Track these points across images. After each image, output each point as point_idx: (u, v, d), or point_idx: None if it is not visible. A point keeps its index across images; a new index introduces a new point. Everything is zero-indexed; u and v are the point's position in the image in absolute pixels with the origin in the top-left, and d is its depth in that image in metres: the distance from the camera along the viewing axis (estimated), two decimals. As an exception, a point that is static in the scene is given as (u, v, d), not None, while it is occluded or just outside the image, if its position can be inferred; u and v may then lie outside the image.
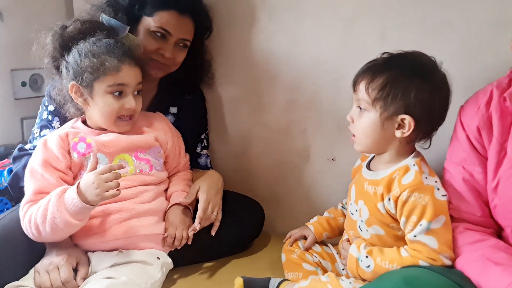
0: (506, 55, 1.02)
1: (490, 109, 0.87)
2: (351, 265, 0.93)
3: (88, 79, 1.01)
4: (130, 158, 1.07)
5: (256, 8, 1.29)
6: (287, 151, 1.36)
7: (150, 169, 1.09)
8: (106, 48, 1.01)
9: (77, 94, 1.04)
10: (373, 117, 0.91)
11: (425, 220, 0.86)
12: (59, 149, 1.02)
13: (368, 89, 0.90)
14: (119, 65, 1.01)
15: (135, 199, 1.04)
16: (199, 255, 1.18)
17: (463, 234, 0.87)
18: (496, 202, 0.86)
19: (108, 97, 1.03)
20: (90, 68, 1.00)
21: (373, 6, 1.16)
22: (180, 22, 1.17)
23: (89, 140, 1.04)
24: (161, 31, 1.16)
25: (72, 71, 1.02)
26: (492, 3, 1.04)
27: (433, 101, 0.88)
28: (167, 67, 1.22)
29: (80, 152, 1.03)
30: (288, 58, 1.29)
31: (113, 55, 1.01)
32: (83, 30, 1.03)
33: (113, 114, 1.04)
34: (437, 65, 0.91)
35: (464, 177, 0.89)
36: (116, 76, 1.01)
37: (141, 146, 1.09)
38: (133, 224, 1.02)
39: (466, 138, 0.90)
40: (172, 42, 1.18)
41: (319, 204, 1.34)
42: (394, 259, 0.88)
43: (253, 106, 1.37)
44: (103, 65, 1.00)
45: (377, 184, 0.93)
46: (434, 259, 0.85)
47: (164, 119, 1.21)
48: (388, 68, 0.90)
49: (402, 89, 0.88)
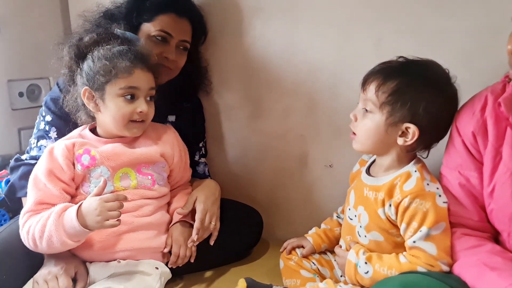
0: (500, 60, 1.02)
1: (485, 115, 0.87)
2: (349, 271, 0.93)
3: (100, 81, 1.00)
4: (133, 172, 1.06)
5: (252, 16, 1.29)
6: (285, 158, 1.36)
7: (153, 184, 1.08)
8: (119, 52, 1.01)
9: (89, 99, 1.03)
10: (378, 120, 0.90)
11: (425, 226, 0.86)
12: (65, 160, 1.01)
13: (378, 91, 0.89)
14: (132, 69, 1.00)
15: (134, 212, 1.03)
16: (198, 263, 1.17)
17: (460, 240, 0.87)
18: (493, 207, 0.85)
19: (119, 100, 1.01)
20: (103, 71, 0.99)
21: (368, 13, 1.16)
22: (179, 24, 1.19)
23: (93, 153, 1.03)
24: (162, 34, 1.17)
25: (85, 76, 1.02)
26: (486, 9, 1.05)
27: (441, 115, 0.88)
28: (171, 72, 1.22)
29: (84, 165, 1.02)
30: (284, 65, 1.29)
31: (125, 59, 1.00)
32: (99, 40, 1.04)
33: (125, 118, 1.02)
34: (451, 79, 0.90)
35: (461, 182, 0.89)
36: (128, 79, 1.00)
37: (145, 161, 1.07)
38: (131, 237, 1.02)
39: (461, 143, 0.90)
40: (174, 45, 1.19)
41: (318, 210, 1.34)
42: (393, 265, 0.88)
43: (251, 113, 1.37)
44: (115, 67, 0.99)
45: (378, 190, 0.93)
46: (432, 265, 0.85)
47: (174, 132, 1.19)
48: (401, 74, 0.89)
49: (413, 98, 0.87)
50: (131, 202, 1.03)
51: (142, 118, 1.04)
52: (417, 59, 0.92)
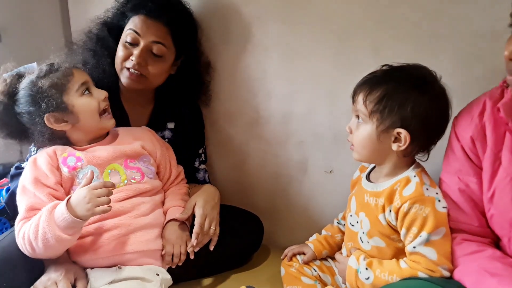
0: (497, 65, 1.03)
1: (483, 120, 0.87)
2: (350, 277, 0.93)
3: (57, 98, 1.02)
4: (121, 167, 1.07)
5: (251, 24, 1.30)
6: (284, 164, 1.37)
7: (142, 177, 1.09)
8: (43, 71, 1.04)
9: (57, 121, 1.04)
10: (370, 129, 0.91)
11: (425, 231, 0.86)
12: (48, 166, 1.02)
13: (366, 101, 0.90)
14: (69, 70, 1.05)
15: (132, 212, 1.04)
16: (199, 270, 1.17)
17: (460, 245, 0.87)
18: (492, 212, 0.86)
19: (83, 99, 1.05)
20: (52, 88, 1.02)
21: (366, 20, 1.17)
22: (149, 25, 1.16)
23: (78, 154, 1.05)
24: (131, 34, 1.15)
25: (35, 109, 1.02)
26: (483, 15, 1.06)
27: (430, 115, 0.88)
28: (144, 79, 1.18)
29: (71, 166, 1.03)
30: (283, 72, 1.30)
31: (56, 69, 1.05)
32: (10, 84, 1.05)
33: (95, 111, 1.06)
34: (436, 78, 0.91)
35: (460, 187, 0.89)
36: (75, 78, 1.05)
37: (129, 154, 1.09)
38: (131, 240, 1.02)
39: (460, 149, 0.90)
40: (142, 48, 1.15)
41: (318, 216, 1.34)
42: (394, 270, 0.88)
43: (250, 120, 1.38)
44: (58, 78, 1.03)
45: (378, 196, 0.93)
46: (433, 270, 0.85)
47: (149, 130, 1.21)
48: (386, 81, 0.90)
49: (399, 102, 0.88)
50: (127, 201, 1.04)
51: (105, 105, 1.09)
52: (401, 64, 0.93)
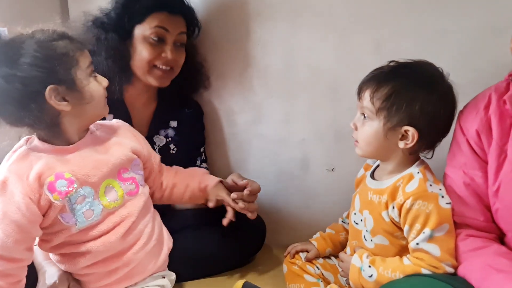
0: (501, 60, 1.02)
1: (489, 113, 0.86)
2: (353, 275, 0.92)
3: (67, 69, 0.84)
4: (115, 181, 0.93)
5: (252, 20, 1.30)
6: (286, 162, 1.36)
7: (137, 188, 0.96)
8: (54, 35, 0.85)
9: (58, 98, 0.83)
10: (376, 126, 0.90)
11: (428, 228, 0.85)
12: (24, 199, 0.81)
13: (373, 98, 0.89)
14: (82, 45, 0.88)
15: (137, 245, 0.94)
16: (201, 270, 1.17)
17: (465, 241, 0.87)
18: (498, 206, 0.85)
19: (91, 80, 0.89)
20: (64, 57, 0.84)
21: (368, 16, 1.17)
22: (174, 20, 1.17)
23: (67, 175, 0.85)
24: (159, 31, 1.15)
25: (38, 75, 0.81)
26: (485, 9, 1.06)
27: (438, 113, 0.87)
28: (172, 72, 1.21)
29: (63, 192, 0.84)
30: (285, 69, 1.29)
31: (68, 38, 0.87)
32: None
33: (103, 96, 0.92)
34: (444, 76, 0.90)
35: (465, 181, 0.88)
36: (85, 54, 0.88)
37: (121, 164, 0.94)
38: (140, 269, 0.96)
39: (466, 142, 0.90)
40: (171, 42, 1.17)
41: (320, 214, 1.33)
42: (397, 267, 0.87)
43: (252, 118, 1.37)
44: (71, 49, 0.85)
45: (382, 193, 0.92)
46: (436, 267, 0.84)
47: (125, 124, 1.04)
48: (393, 78, 0.89)
49: (407, 100, 0.87)
50: (130, 234, 0.92)
51: (105, 85, 0.93)
52: (408, 61, 0.92)
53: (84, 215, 0.87)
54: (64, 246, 0.90)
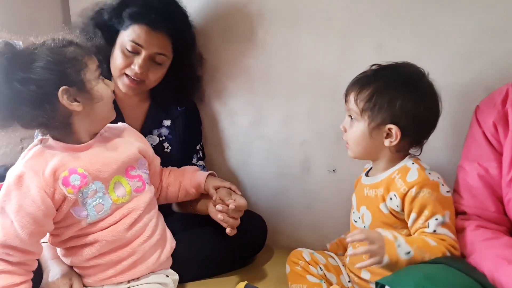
0: (500, 61, 1.04)
1: (506, 106, 0.90)
2: (390, 248, 0.84)
3: (77, 72, 0.89)
4: (124, 178, 0.98)
5: (253, 22, 1.30)
6: (287, 163, 1.36)
7: (143, 186, 1.01)
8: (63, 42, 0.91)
9: (70, 99, 0.89)
10: (362, 127, 0.95)
11: (439, 214, 0.88)
12: (40, 193, 0.86)
13: (357, 100, 0.94)
14: (89, 51, 0.95)
15: (141, 237, 0.98)
16: (203, 271, 1.17)
17: (475, 232, 0.89)
18: (510, 196, 0.87)
19: (100, 83, 0.94)
20: (74, 61, 0.89)
21: (368, 18, 1.17)
22: (152, 37, 1.15)
23: (80, 170, 0.90)
24: (133, 46, 1.15)
25: (51, 78, 0.86)
26: (485, 11, 1.06)
27: (418, 110, 0.91)
28: (142, 84, 1.19)
29: (76, 186, 0.89)
30: (286, 71, 1.30)
31: (76, 44, 0.93)
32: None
33: (111, 98, 0.97)
34: (424, 74, 0.94)
35: (479, 173, 0.92)
36: (93, 60, 0.94)
37: (129, 162, 0.99)
38: (144, 263, 0.98)
39: (482, 135, 0.93)
40: (144, 57, 1.15)
41: (322, 216, 1.34)
42: (426, 247, 0.84)
43: (252, 119, 1.38)
44: (80, 54, 0.91)
45: (377, 186, 0.96)
46: (456, 248, 0.87)
47: (130, 126, 1.10)
48: (375, 80, 0.94)
49: (388, 99, 0.91)
50: (136, 226, 0.97)
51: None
52: (390, 63, 0.97)
53: (95, 209, 0.92)
54: (72, 239, 0.94)
